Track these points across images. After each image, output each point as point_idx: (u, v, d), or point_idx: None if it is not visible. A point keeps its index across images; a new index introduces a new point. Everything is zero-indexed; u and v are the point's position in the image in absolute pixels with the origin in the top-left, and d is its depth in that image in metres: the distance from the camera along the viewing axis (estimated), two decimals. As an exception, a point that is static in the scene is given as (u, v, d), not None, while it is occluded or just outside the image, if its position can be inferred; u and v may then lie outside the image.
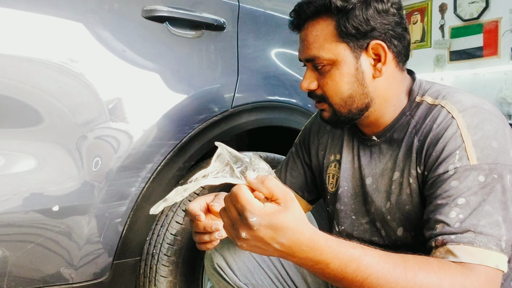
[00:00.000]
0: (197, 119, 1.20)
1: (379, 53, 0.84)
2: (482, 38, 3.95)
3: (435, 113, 0.82)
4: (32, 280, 0.95)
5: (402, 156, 0.86)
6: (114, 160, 1.05)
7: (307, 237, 0.64)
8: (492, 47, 3.89)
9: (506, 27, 3.80)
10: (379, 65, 0.85)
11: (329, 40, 0.84)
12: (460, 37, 4.11)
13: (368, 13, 0.81)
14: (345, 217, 0.97)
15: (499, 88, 3.80)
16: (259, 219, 0.62)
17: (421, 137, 0.83)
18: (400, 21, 0.85)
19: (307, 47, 0.87)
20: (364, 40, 0.83)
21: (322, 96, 0.89)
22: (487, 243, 0.70)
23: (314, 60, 0.86)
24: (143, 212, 1.12)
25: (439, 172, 0.77)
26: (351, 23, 0.81)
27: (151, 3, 1.13)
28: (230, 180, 0.67)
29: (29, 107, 0.94)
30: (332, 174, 1.01)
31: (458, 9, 4.10)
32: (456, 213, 0.72)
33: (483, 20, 3.94)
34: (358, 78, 0.85)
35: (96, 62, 1.04)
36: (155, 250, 1.17)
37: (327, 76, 0.86)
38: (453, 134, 0.77)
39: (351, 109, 0.87)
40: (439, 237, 0.72)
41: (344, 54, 0.84)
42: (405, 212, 0.85)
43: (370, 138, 0.93)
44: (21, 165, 0.94)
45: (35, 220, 0.94)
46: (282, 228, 0.63)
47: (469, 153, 0.75)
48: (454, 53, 4.15)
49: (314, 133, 1.09)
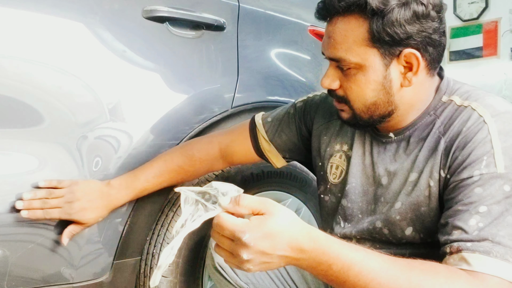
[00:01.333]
0: (197, 119, 1.20)
1: (411, 62, 0.78)
2: (482, 38, 3.95)
3: (464, 115, 0.78)
4: (32, 280, 0.95)
5: (423, 157, 0.81)
6: (115, 160, 1.05)
7: (305, 235, 0.63)
8: (492, 47, 3.89)
9: (506, 27, 3.80)
10: (409, 75, 0.79)
11: (359, 43, 0.77)
12: (459, 37, 4.11)
13: (406, 18, 0.74)
14: (351, 214, 0.92)
15: (499, 88, 3.80)
16: (251, 234, 0.61)
17: (448, 138, 0.78)
18: (439, 26, 0.79)
19: (333, 46, 0.80)
20: (398, 47, 0.77)
21: (344, 98, 0.84)
22: (504, 254, 0.66)
23: (339, 61, 0.80)
24: (143, 212, 1.12)
25: (463, 176, 0.73)
26: (386, 29, 0.75)
27: (151, 3, 1.13)
28: (207, 215, 0.65)
29: (29, 107, 0.94)
30: (336, 165, 0.96)
31: (457, 9, 4.09)
32: (476, 221, 0.69)
33: (482, 20, 3.94)
34: (385, 87, 0.80)
35: (96, 62, 1.04)
36: (155, 250, 1.17)
37: (352, 80, 0.81)
38: (483, 139, 0.73)
39: (372, 115, 0.83)
40: (455, 244, 0.69)
41: (373, 60, 0.78)
42: (419, 213, 0.81)
43: (387, 135, 0.88)
44: (21, 165, 0.94)
45: (35, 220, 0.94)
46: (277, 233, 0.62)
47: (497, 160, 0.71)
48: (454, 53, 4.15)
49: (324, 113, 1.03)
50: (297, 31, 1.51)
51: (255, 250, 0.61)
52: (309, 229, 0.65)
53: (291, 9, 1.53)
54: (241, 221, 0.62)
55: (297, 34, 1.51)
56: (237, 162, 1.14)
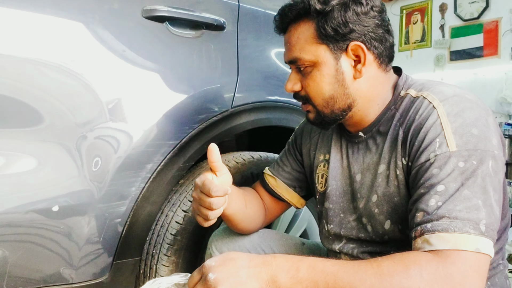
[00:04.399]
0: (197, 119, 1.19)
1: (359, 54, 0.85)
2: (482, 38, 3.95)
3: (417, 104, 0.83)
4: (32, 280, 0.95)
5: (388, 148, 0.87)
6: (114, 160, 1.05)
7: (252, 255, 0.73)
8: (492, 47, 3.89)
9: (506, 27, 3.80)
10: (359, 66, 0.86)
11: (310, 42, 0.86)
12: (460, 37, 4.10)
13: (347, 15, 0.83)
14: (333, 215, 0.98)
15: (499, 88, 3.80)
16: (212, 260, 0.72)
17: (405, 128, 0.84)
18: (381, 23, 0.86)
19: (289, 49, 0.89)
20: (344, 41, 0.84)
21: (306, 97, 0.91)
22: (463, 227, 0.68)
23: (296, 61, 0.88)
24: (143, 212, 1.12)
25: (421, 161, 0.77)
26: (330, 25, 0.83)
27: (151, 3, 1.13)
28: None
29: (29, 107, 0.94)
30: (321, 174, 1.02)
31: (458, 9, 4.09)
32: (435, 201, 0.72)
33: (483, 20, 3.94)
34: (339, 79, 0.86)
35: (96, 62, 1.04)
36: (155, 250, 1.17)
37: (309, 77, 0.88)
38: (434, 123, 0.78)
39: (333, 109, 0.89)
40: (418, 227, 0.72)
41: (324, 56, 0.85)
42: (393, 204, 0.85)
43: (357, 134, 0.94)
44: (21, 165, 0.94)
45: (35, 220, 0.94)
46: (237, 255, 0.72)
47: (449, 140, 0.75)
48: (454, 53, 4.14)
49: (307, 133, 1.11)
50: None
51: (217, 264, 0.70)
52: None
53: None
54: None
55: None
56: (270, 213, 1.15)
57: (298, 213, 1.50)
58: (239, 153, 1.37)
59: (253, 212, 1.07)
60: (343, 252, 0.96)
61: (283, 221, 1.48)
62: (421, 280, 0.65)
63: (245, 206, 1.03)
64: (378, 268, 0.67)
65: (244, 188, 1.10)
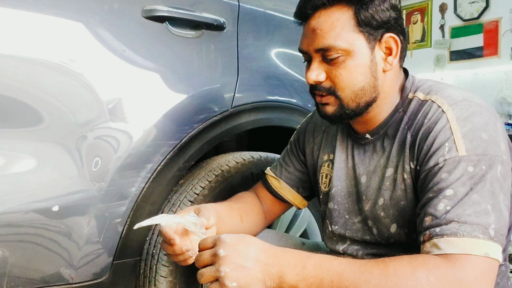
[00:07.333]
0: (197, 119, 1.19)
1: (391, 46, 0.85)
2: (482, 38, 3.95)
3: (426, 108, 0.83)
4: (32, 280, 0.95)
5: (395, 152, 0.86)
6: (114, 160, 1.05)
7: (266, 245, 0.72)
8: (492, 47, 3.89)
9: (506, 27, 3.80)
10: (390, 59, 0.85)
11: (347, 29, 0.82)
12: (460, 37, 4.11)
13: (384, 5, 0.83)
14: (338, 216, 0.97)
15: (499, 88, 3.80)
16: (228, 235, 0.72)
17: (413, 132, 0.83)
18: (401, 19, 0.87)
19: (321, 36, 0.83)
20: (380, 31, 0.83)
21: (330, 89, 0.86)
22: (472, 231, 0.68)
23: (328, 50, 0.83)
24: (143, 212, 1.12)
25: (430, 165, 0.77)
26: (370, 12, 0.81)
27: (151, 3, 1.13)
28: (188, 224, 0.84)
29: (29, 107, 0.94)
30: (325, 174, 1.02)
31: (458, 9, 4.09)
32: (444, 205, 0.72)
33: (483, 20, 3.94)
34: (372, 70, 0.84)
35: (96, 62, 1.04)
36: (155, 250, 1.17)
37: (341, 66, 0.83)
38: (443, 127, 0.77)
39: (360, 102, 0.86)
40: (427, 232, 0.72)
41: (360, 45, 0.83)
42: (399, 208, 0.85)
43: (364, 136, 0.93)
44: (21, 165, 0.94)
45: (35, 220, 0.94)
46: (251, 240, 0.72)
47: (458, 144, 0.75)
48: (454, 53, 4.15)
49: (310, 133, 1.10)
50: (297, 31, 1.51)
51: (231, 242, 0.70)
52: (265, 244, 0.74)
53: (291, 9, 1.53)
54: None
55: (297, 34, 1.50)
56: (271, 215, 1.15)
57: (298, 213, 1.50)
58: (239, 153, 1.37)
59: (251, 224, 1.07)
60: (347, 253, 0.95)
61: (283, 221, 1.48)
62: (428, 283, 0.64)
63: (241, 221, 1.03)
64: (384, 269, 0.67)
65: (240, 200, 1.10)
